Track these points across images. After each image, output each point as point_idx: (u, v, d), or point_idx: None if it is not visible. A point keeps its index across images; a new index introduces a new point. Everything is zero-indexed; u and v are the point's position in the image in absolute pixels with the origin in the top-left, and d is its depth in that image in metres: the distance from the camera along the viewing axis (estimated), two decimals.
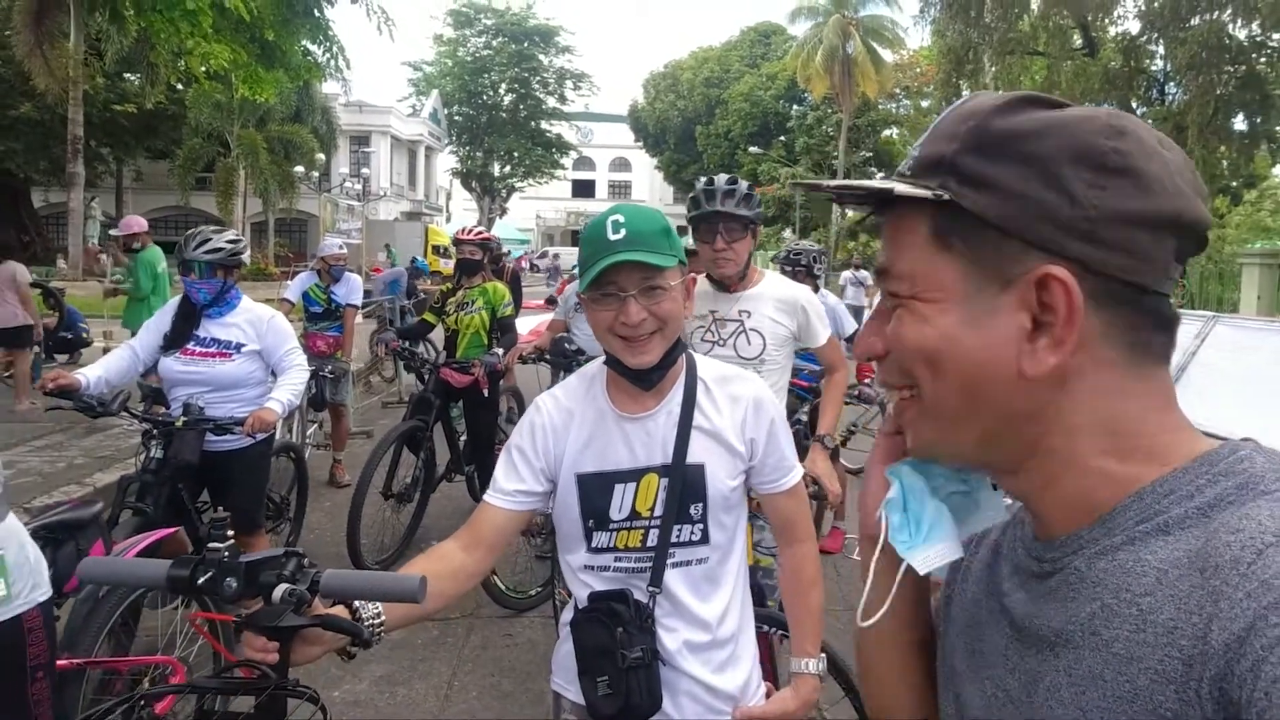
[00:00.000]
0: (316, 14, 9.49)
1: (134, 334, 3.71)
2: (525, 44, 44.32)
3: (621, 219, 1.36)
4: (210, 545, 0.98)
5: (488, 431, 5.03)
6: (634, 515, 1.45)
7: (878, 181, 0.61)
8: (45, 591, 1.79)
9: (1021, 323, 0.56)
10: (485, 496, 1.48)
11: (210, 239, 3.46)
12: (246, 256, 3.76)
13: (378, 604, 1.16)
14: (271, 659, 0.99)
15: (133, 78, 22.12)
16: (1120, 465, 0.57)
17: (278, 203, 28.41)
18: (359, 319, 6.66)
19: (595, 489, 1.45)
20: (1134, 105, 17.62)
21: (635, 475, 1.45)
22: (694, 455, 1.44)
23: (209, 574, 0.97)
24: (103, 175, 27.70)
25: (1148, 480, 0.56)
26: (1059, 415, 0.58)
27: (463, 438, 5.19)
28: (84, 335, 9.72)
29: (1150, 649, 0.50)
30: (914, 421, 0.63)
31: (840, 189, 0.64)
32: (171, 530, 2.83)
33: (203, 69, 9.72)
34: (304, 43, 9.95)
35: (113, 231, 9.67)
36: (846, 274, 15.41)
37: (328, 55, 10.33)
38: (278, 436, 4.01)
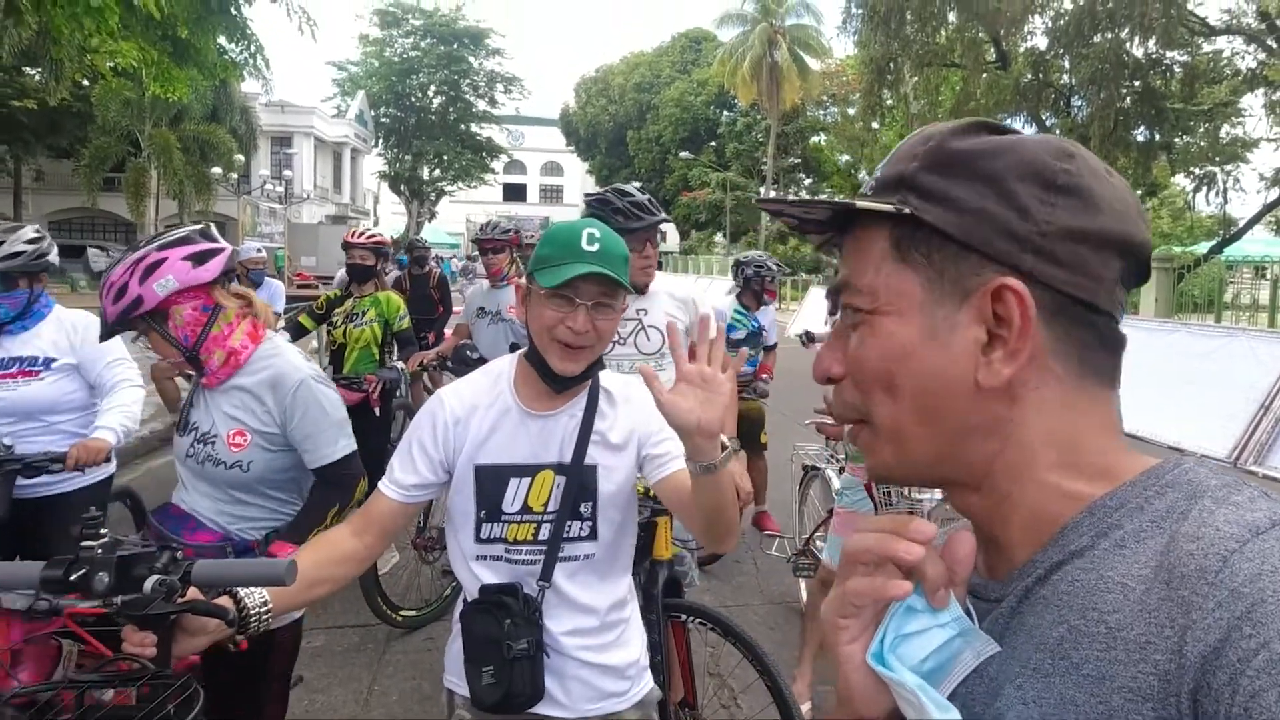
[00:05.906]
0: (233, 12, 9.19)
1: None
2: (454, 45, 43.75)
3: (597, 234, 1.43)
4: (83, 544, 0.98)
5: (377, 455, 4.31)
6: (525, 509, 1.49)
7: (840, 199, 0.63)
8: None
9: (977, 335, 0.58)
10: (380, 486, 1.51)
11: (2, 241, 2.73)
12: (55, 256, 2.88)
13: (264, 593, 1.17)
14: (149, 652, 0.99)
15: (34, 72, 21.02)
16: (1071, 482, 0.58)
17: (194, 205, 27.33)
18: (280, 325, 6.53)
19: (491, 480, 1.49)
20: (1044, 117, 18.50)
21: (531, 470, 1.49)
22: (590, 457, 1.50)
23: (82, 571, 0.96)
24: None
25: (1098, 495, 0.57)
26: (1013, 430, 0.59)
27: None
28: None
29: (1122, 666, 0.48)
30: (868, 445, 0.63)
31: (801, 207, 0.65)
32: None
33: (110, 65, 9.33)
34: (220, 41, 9.61)
35: None
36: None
37: (246, 54, 10.00)
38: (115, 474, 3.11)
